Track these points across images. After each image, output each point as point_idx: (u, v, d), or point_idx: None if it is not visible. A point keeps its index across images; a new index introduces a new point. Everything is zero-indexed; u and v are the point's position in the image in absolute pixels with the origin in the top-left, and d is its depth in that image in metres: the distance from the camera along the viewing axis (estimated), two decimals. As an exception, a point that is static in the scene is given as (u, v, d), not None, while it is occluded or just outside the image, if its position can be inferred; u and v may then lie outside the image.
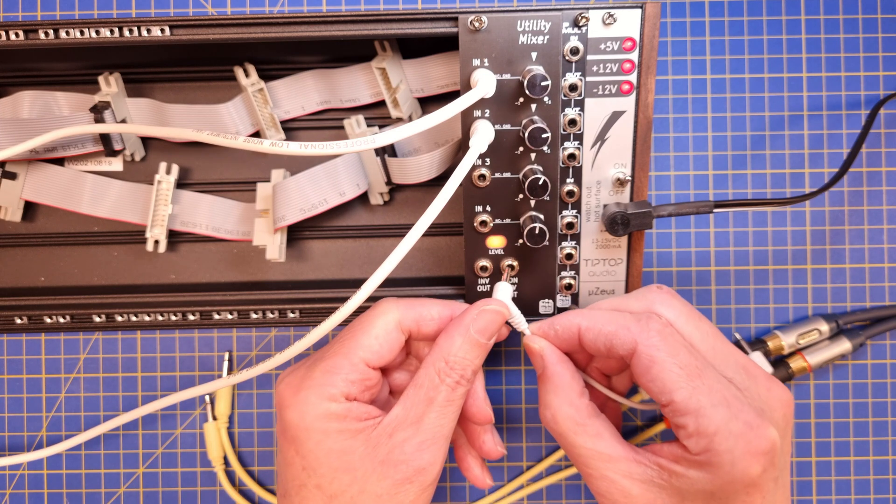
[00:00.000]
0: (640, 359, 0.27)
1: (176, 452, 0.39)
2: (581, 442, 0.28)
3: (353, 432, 0.28)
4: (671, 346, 0.27)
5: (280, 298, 0.34)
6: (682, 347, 0.27)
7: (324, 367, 0.28)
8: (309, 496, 0.28)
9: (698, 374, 0.26)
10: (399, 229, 0.37)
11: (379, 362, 0.29)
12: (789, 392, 0.28)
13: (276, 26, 0.30)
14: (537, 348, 0.30)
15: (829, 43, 0.37)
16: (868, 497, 0.38)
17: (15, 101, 0.35)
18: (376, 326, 0.29)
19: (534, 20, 0.30)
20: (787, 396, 0.28)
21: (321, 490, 0.28)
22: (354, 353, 0.28)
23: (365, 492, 0.27)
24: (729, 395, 0.26)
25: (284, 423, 0.28)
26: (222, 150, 0.36)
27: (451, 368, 0.28)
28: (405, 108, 0.34)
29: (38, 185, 0.35)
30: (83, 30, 0.31)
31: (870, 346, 0.38)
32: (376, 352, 0.29)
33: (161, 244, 0.35)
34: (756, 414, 0.26)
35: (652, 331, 0.27)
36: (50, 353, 0.38)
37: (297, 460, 0.28)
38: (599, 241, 0.33)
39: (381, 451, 0.27)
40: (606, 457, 0.27)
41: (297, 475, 0.28)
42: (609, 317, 0.29)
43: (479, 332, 0.29)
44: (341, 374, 0.28)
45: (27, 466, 0.39)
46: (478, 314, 0.29)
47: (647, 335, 0.27)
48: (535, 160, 0.31)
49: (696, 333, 0.29)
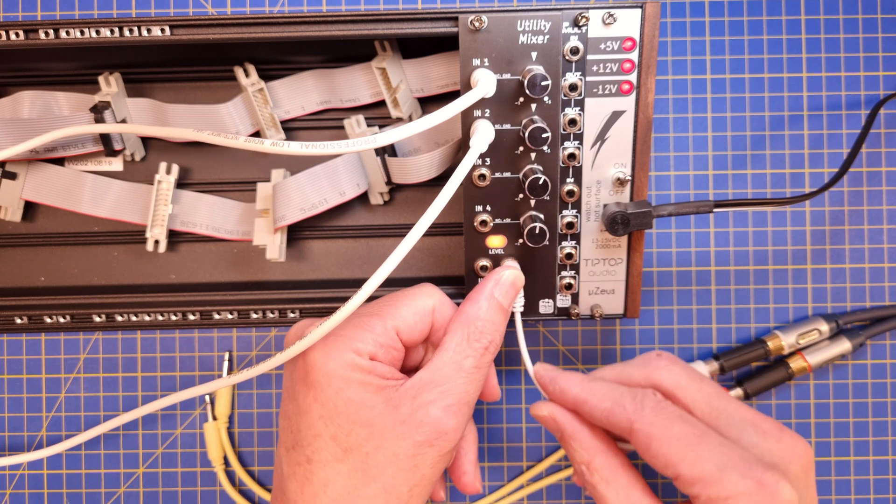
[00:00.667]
0: (638, 437, 0.27)
1: (176, 452, 0.39)
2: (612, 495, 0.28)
3: (375, 388, 0.27)
4: (666, 420, 0.27)
5: (280, 298, 0.34)
6: (678, 419, 0.27)
7: (357, 323, 0.28)
8: (322, 447, 0.27)
9: (698, 442, 0.26)
10: (399, 229, 0.37)
11: (408, 337, 0.29)
12: (804, 441, 0.28)
13: (276, 26, 0.30)
14: (547, 415, 0.30)
15: (829, 43, 0.37)
16: (868, 497, 0.38)
17: (15, 101, 0.35)
18: (416, 303, 0.29)
19: (534, 20, 0.30)
20: (801, 446, 0.27)
21: (336, 441, 0.27)
22: (390, 319, 0.28)
23: (381, 449, 0.27)
24: (735, 455, 0.26)
25: (307, 367, 0.28)
26: (222, 150, 0.36)
27: (480, 333, 0.29)
28: (405, 108, 0.34)
29: (38, 185, 0.35)
30: (83, 30, 0.31)
31: (870, 346, 0.38)
32: (410, 326, 0.29)
33: (161, 244, 0.35)
34: (766, 469, 0.25)
35: (646, 409, 0.28)
36: (50, 353, 0.38)
37: (314, 408, 0.27)
38: (599, 241, 0.33)
39: (403, 411, 0.27)
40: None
41: (312, 423, 0.27)
42: (606, 392, 0.29)
43: (503, 296, 0.30)
44: (373, 333, 0.28)
45: (27, 466, 0.39)
46: (498, 280, 0.30)
47: (641, 413, 0.27)
48: (535, 160, 0.31)
49: (698, 396, 0.29)
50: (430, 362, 0.28)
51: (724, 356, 0.37)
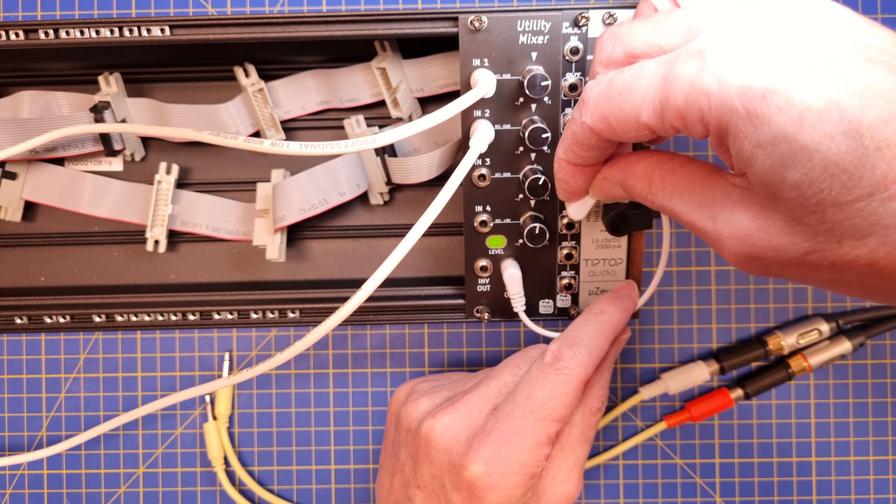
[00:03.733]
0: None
1: (176, 452, 0.39)
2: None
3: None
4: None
5: (280, 298, 0.34)
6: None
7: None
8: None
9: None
10: (399, 229, 0.37)
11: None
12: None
13: (276, 26, 0.30)
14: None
15: (829, 43, 0.37)
16: (868, 497, 0.38)
17: (15, 101, 0.35)
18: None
19: (534, 20, 0.30)
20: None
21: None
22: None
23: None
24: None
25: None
26: (222, 150, 0.36)
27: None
28: (405, 108, 0.34)
29: (38, 185, 0.35)
30: (83, 30, 0.31)
31: (870, 346, 0.38)
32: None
33: (161, 244, 0.35)
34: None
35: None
36: (50, 353, 0.38)
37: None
38: (599, 241, 0.33)
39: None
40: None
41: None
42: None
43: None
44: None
45: (27, 466, 0.39)
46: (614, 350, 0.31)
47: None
48: (535, 160, 0.31)
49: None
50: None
51: (724, 356, 0.37)
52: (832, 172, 0.19)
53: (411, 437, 0.30)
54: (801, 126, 0.19)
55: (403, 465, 0.30)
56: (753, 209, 0.21)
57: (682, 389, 0.37)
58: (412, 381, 0.34)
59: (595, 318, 0.30)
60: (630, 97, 0.22)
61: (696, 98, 0.21)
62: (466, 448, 0.28)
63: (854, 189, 0.19)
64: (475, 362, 0.38)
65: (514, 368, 0.30)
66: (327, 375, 0.38)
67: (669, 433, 0.38)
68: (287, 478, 0.39)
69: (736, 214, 0.22)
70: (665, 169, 0.25)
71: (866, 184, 0.18)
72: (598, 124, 0.24)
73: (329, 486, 0.39)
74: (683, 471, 0.38)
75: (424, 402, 0.31)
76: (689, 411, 0.37)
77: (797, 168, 0.19)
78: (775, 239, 0.21)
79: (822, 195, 0.19)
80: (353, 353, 0.38)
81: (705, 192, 0.23)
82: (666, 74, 0.21)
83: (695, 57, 0.21)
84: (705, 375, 0.37)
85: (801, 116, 0.19)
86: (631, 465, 0.38)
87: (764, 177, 0.20)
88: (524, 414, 0.27)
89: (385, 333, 0.38)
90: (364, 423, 0.38)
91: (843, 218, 0.19)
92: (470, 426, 0.28)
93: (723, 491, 0.38)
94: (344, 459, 0.39)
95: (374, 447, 0.38)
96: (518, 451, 0.27)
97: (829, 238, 0.20)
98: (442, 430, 0.28)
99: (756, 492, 0.38)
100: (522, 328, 0.38)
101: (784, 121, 0.19)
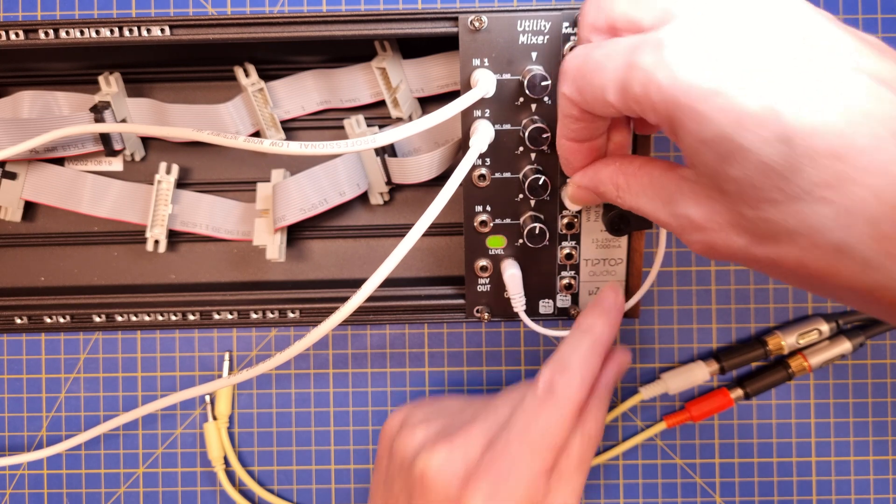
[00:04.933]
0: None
1: (176, 452, 0.39)
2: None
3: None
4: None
5: (280, 298, 0.34)
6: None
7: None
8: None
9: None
10: (399, 229, 0.37)
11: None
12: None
13: (276, 26, 0.30)
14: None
15: (829, 43, 0.37)
16: (868, 497, 0.38)
17: (15, 101, 0.35)
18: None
19: (534, 20, 0.30)
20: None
21: None
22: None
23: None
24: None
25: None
26: (222, 150, 0.36)
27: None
28: (405, 108, 0.34)
29: (38, 185, 0.35)
30: (83, 30, 0.31)
31: (870, 346, 0.38)
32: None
33: (161, 244, 0.35)
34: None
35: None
36: (50, 353, 0.38)
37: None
38: (599, 241, 0.33)
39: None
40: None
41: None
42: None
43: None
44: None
45: (27, 466, 0.39)
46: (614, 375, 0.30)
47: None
48: (535, 160, 0.31)
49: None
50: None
51: (724, 356, 0.37)
52: (766, 173, 0.20)
53: (406, 472, 0.29)
54: (738, 128, 0.20)
55: (397, 499, 0.29)
56: (702, 201, 0.22)
57: (682, 389, 0.37)
58: (406, 406, 0.33)
59: (585, 337, 0.29)
60: (599, 76, 0.23)
61: (649, 90, 0.21)
62: (464, 484, 0.27)
63: (785, 190, 0.19)
64: (475, 362, 0.38)
65: (512, 402, 0.29)
66: (327, 375, 0.38)
67: (669, 433, 0.38)
68: (287, 478, 0.39)
69: (689, 207, 0.23)
70: (628, 173, 0.26)
71: (796, 187, 0.19)
72: (574, 95, 0.25)
73: (329, 486, 0.39)
74: (683, 471, 0.38)
75: (420, 434, 0.30)
76: (689, 411, 0.37)
77: (736, 165, 0.20)
78: (723, 229, 0.22)
79: (759, 192, 0.20)
80: (353, 353, 0.38)
81: (663, 188, 0.24)
82: (629, 61, 0.22)
83: (654, 48, 0.21)
84: (705, 375, 0.37)
85: (739, 119, 0.20)
86: (631, 465, 0.38)
87: (708, 169, 0.21)
88: (520, 447, 0.27)
89: (385, 333, 0.38)
90: (364, 423, 0.38)
91: (778, 217, 0.20)
92: (466, 462, 0.28)
93: (723, 491, 0.38)
94: (344, 459, 0.39)
95: (373, 447, 0.38)
96: (516, 485, 0.27)
97: (767, 234, 0.21)
98: (438, 467, 0.28)
99: (756, 492, 0.38)
100: (522, 328, 0.38)
101: (724, 122, 0.20)
